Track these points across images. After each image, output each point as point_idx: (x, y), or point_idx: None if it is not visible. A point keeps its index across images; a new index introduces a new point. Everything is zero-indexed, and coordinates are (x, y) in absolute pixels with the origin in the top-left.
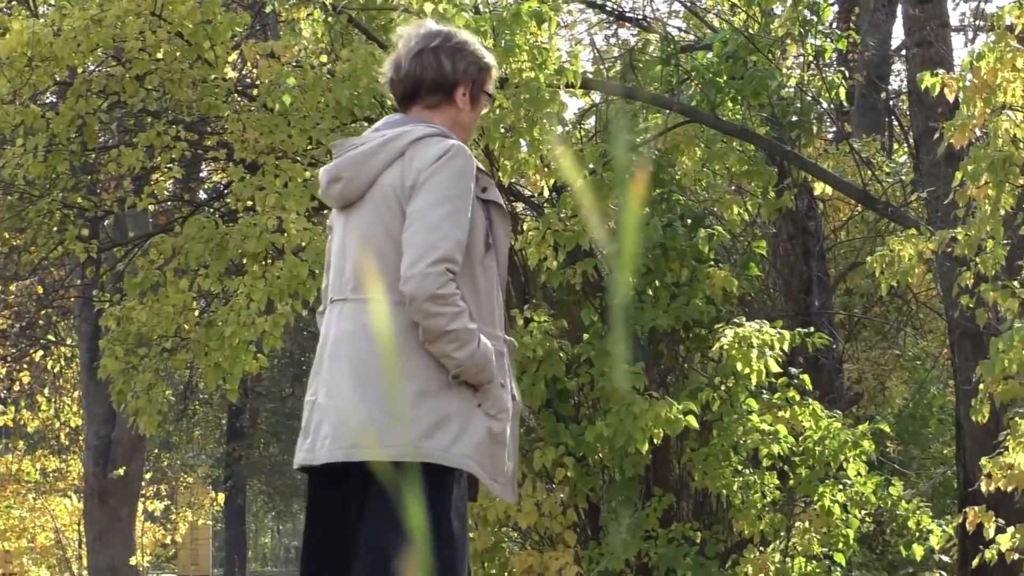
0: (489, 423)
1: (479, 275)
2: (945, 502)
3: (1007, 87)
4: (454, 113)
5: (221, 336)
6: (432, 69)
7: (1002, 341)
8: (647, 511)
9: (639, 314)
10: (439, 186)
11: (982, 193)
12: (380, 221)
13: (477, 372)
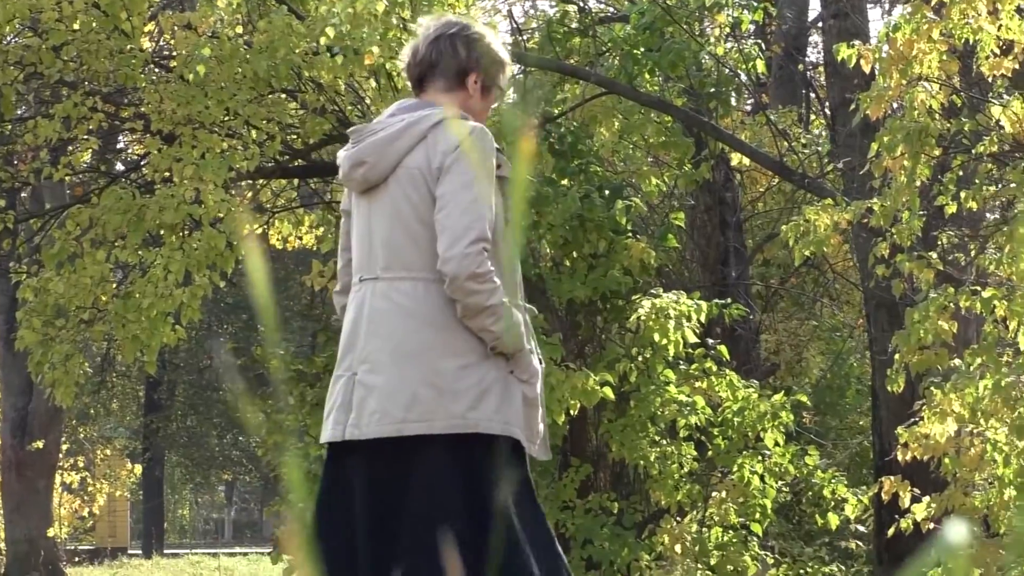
0: (523, 388)
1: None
2: (861, 472)
3: (923, 58)
4: (465, 98)
5: (139, 308)
6: (447, 55)
7: (917, 311)
8: (564, 482)
9: (557, 285)
10: (467, 168)
11: (898, 164)
12: (408, 202)
13: (513, 342)
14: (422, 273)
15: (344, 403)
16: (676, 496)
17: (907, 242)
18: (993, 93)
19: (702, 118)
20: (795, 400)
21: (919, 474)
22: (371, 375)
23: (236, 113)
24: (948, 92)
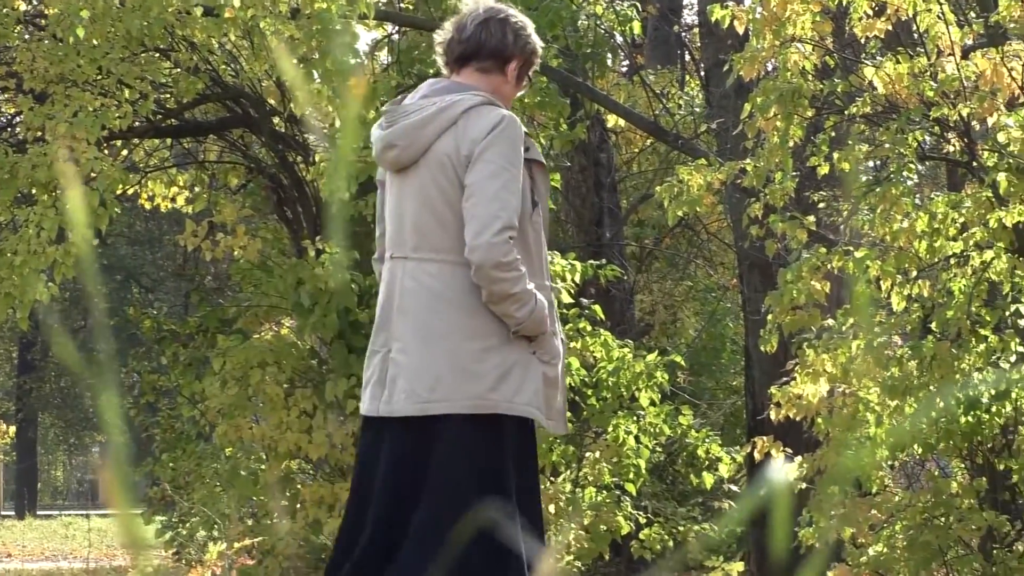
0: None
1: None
2: (735, 432)
3: (796, 19)
4: (501, 82)
5: (11, 265)
6: (496, 37)
7: (790, 272)
8: None
9: None
10: (495, 157)
11: (771, 125)
12: (436, 187)
13: (536, 326)
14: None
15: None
16: (550, 457)
17: (780, 202)
18: (866, 54)
19: (577, 79)
20: (669, 360)
21: (791, 434)
22: (401, 354)
23: (109, 72)
24: (821, 53)
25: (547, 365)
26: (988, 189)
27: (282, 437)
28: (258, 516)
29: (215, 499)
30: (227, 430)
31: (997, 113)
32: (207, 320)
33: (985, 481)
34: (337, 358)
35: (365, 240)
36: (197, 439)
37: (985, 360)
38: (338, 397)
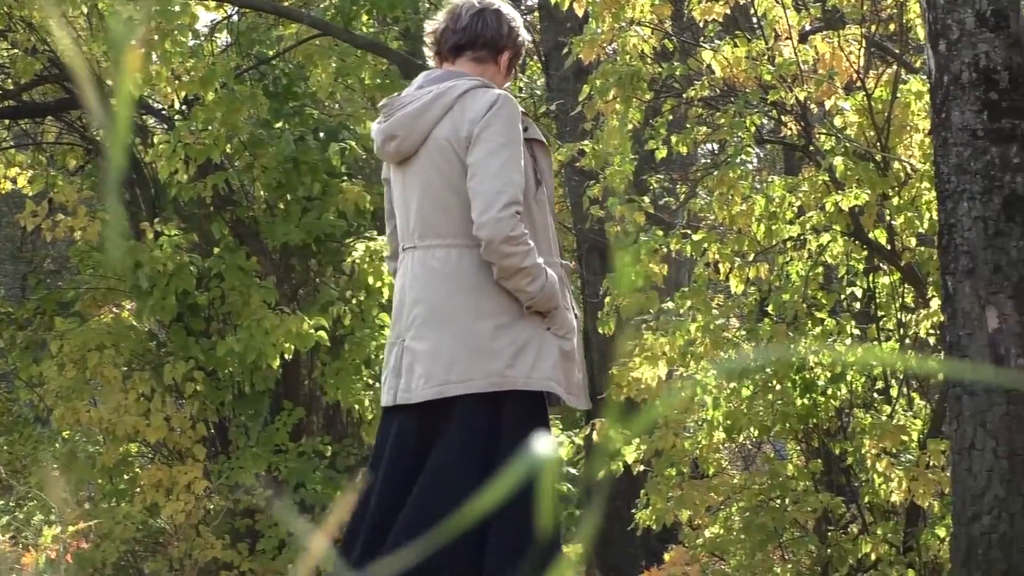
0: (560, 343)
1: (535, 210)
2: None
3: (635, 2)
4: (493, 71)
5: None
6: (492, 28)
7: (628, 254)
8: (277, 425)
9: (270, 228)
10: (495, 135)
11: (610, 108)
12: (438, 172)
13: (547, 301)
14: (455, 240)
15: (395, 369)
16: None
17: (620, 185)
18: (704, 38)
19: (417, 61)
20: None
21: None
22: (415, 341)
23: None
24: (660, 36)
25: (562, 339)
26: (825, 173)
27: (120, 420)
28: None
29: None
30: (64, 413)
31: (834, 97)
32: (45, 303)
33: (820, 463)
34: (176, 341)
35: (204, 222)
36: (34, 422)
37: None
38: (176, 380)
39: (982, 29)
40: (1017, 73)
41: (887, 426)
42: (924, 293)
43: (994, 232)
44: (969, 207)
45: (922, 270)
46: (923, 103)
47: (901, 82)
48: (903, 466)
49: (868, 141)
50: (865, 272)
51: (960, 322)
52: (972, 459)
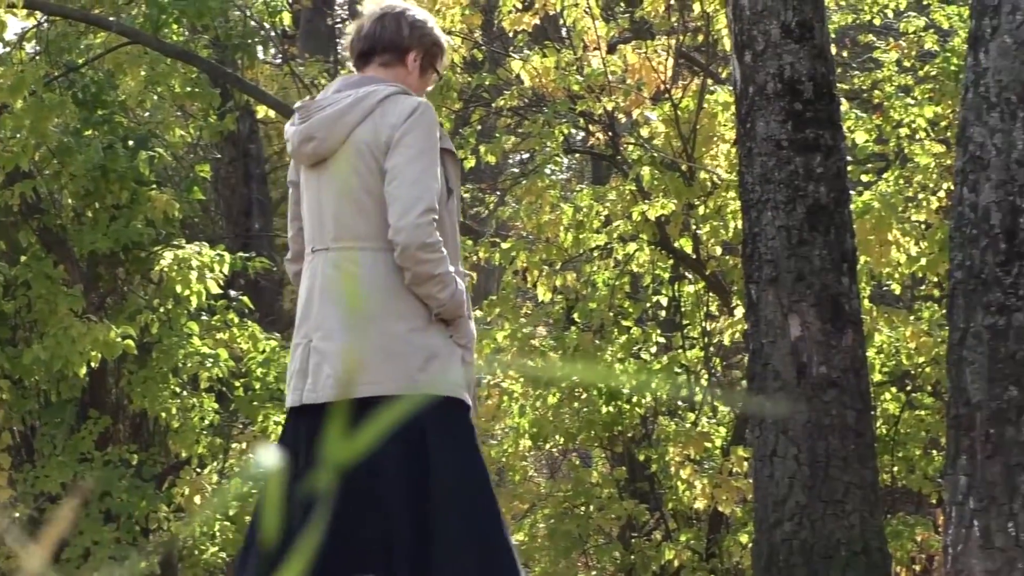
0: (462, 352)
1: (445, 219)
2: None
3: (446, 12)
4: (404, 74)
5: None
6: (390, 31)
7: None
8: (82, 434)
9: (78, 236)
10: (414, 142)
11: None
12: (356, 175)
13: (455, 309)
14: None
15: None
16: (197, 448)
17: None
18: (514, 47)
19: (227, 70)
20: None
21: None
22: (324, 341)
23: None
24: (470, 46)
25: (464, 349)
26: (632, 182)
27: None
28: None
29: None
30: None
31: (642, 107)
32: None
33: (625, 470)
34: None
35: (11, 230)
36: None
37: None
38: None
39: (787, 40)
40: (821, 84)
41: (691, 433)
42: (728, 302)
43: (797, 241)
44: (773, 216)
45: (727, 279)
46: (729, 113)
47: (708, 92)
48: (706, 473)
49: (674, 151)
50: (671, 281)
51: (763, 330)
52: (774, 466)
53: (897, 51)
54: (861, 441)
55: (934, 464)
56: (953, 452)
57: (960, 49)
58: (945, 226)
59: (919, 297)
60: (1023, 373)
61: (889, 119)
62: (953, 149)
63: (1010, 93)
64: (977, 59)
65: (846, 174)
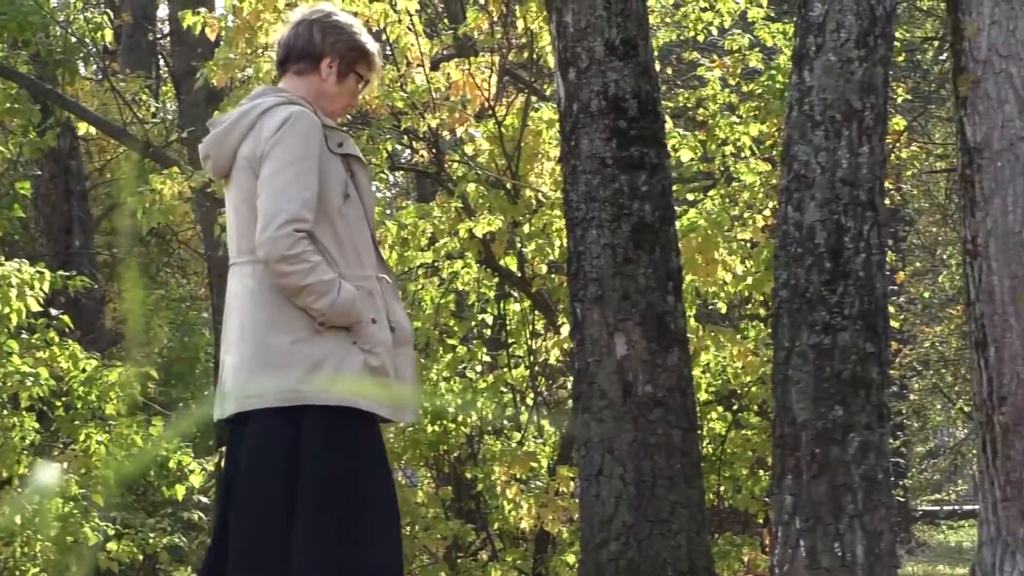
0: (365, 357)
1: (339, 224)
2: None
3: (269, 28)
4: (319, 82)
5: None
6: (303, 38)
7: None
8: None
9: None
10: (282, 152)
11: None
12: (242, 191)
13: (341, 317)
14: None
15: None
16: (18, 469)
17: None
18: None
19: (47, 86)
20: (142, 371)
21: None
22: (227, 355)
23: None
24: None
25: (369, 354)
26: (457, 200)
27: None
28: None
29: None
30: None
31: (467, 124)
32: None
33: (451, 490)
34: None
35: None
36: None
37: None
38: None
39: (611, 58)
40: (646, 101)
41: (517, 453)
42: (554, 320)
43: (622, 260)
44: (598, 235)
45: (552, 297)
46: (554, 131)
47: (532, 110)
48: (533, 493)
49: (499, 168)
50: (496, 299)
51: (589, 349)
52: (600, 485)
53: (722, 69)
54: (687, 460)
55: (760, 484)
56: (779, 472)
57: (785, 67)
58: (771, 245)
59: (745, 316)
60: (848, 393)
61: (714, 137)
62: (778, 167)
63: (835, 111)
64: (802, 77)
65: (671, 192)
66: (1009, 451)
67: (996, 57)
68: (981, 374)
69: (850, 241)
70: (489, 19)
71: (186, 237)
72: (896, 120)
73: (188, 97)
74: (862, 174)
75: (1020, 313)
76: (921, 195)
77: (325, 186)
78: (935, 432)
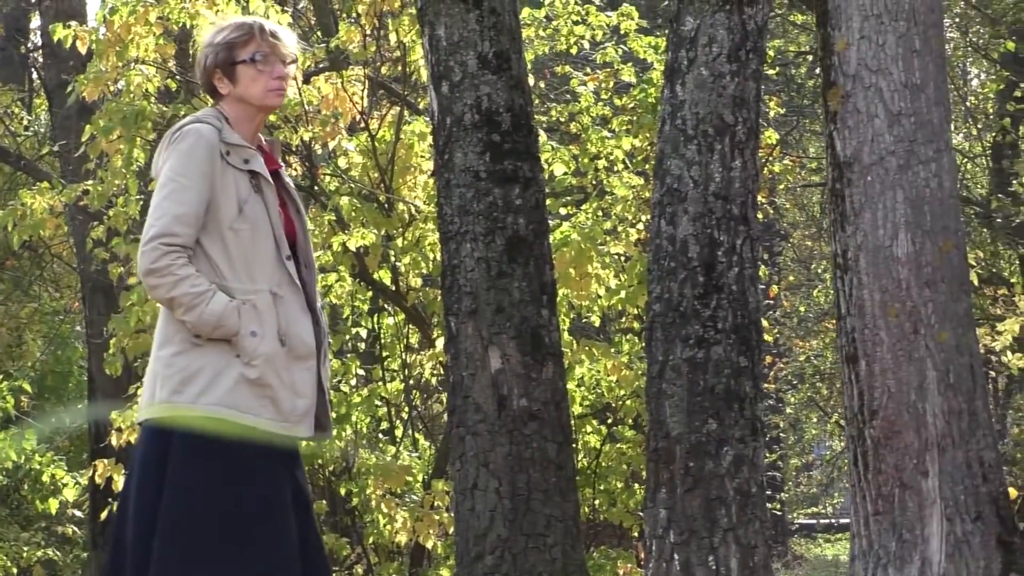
0: (243, 370)
1: (228, 238)
2: (81, 456)
3: (140, 41)
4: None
5: None
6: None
7: (134, 294)
8: None
9: None
10: (165, 171)
11: (114, 147)
12: None
13: (212, 329)
14: None
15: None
16: None
17: (123, 226)
18: None
19: None
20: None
21: None
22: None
23: None
24: (164, 75)
25: (247, 367)
26: (331, 213)
27: None
28: None
29: None
30: None
31: (339, 137)
32: None
33: (325, 504)
34: None
35: None
36: None
37: None
38: None
39: (484, 71)
40: (519, 115)
41: (392, 466)
42: (429, 334)
43: (497, 273)
44: (472, 248)
45: (427, 311)
46: (427, 144)
47: (405, 123)
48: (408, 506)
49: (372, 182)
50: (370, 312)
51: (464, 362)
52: (475, 499)
53: (594, 82)
54: (562, 474)
55: (635, 497)
56: (653, 485)
57: (658, 81)
58: (644, 258)
59: (619, 330)
60: (722, 406)
61: (586, 151)
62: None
63: (707, 126)
64: (674, 91)
65: (545, 206)
66: (880, 465)
67: (865, 71)
68: (852, 388)
69: (723, 255)
70: (361, 32)
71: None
72: (768, 134)
73: (61, 110)
74: (735, 188)
75: (890, 327)
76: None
77: (219, 200)
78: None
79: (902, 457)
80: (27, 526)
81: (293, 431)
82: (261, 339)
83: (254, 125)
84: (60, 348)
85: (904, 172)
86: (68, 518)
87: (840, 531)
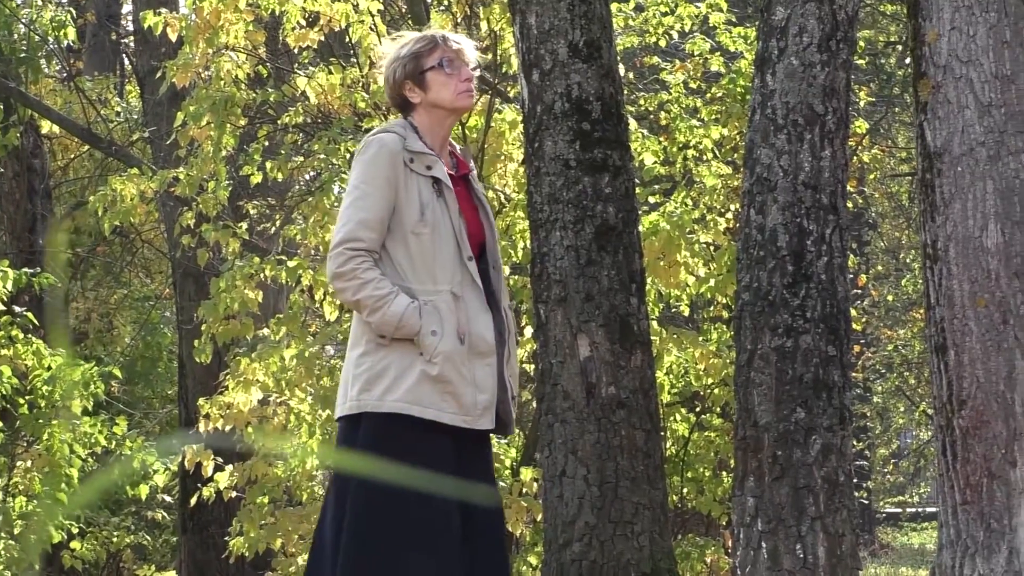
0: (425, 367)
1: (411, 242)
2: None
3: (229, 28)
4: (421, 106)
5: None
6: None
7: (223, 280)
8: None
9: None
10: (350, 179)
11: (204, 133)
12: None
13: (394, 329)
14: None
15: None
16: None
17: (213, 212)
18: (299, 64)
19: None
20: (105, 370)
21: None
22: None
23: None
24: (254, 62)
25: (428, 364)
26: None
27: None
28: None
29: None
30: None
31: None
32: None
33: None
34: None
35: None
36: None
37: None
38: None
39: (575, 60)
40: (609, 104)
41: None
42: (518, 322)
43: (586, 261)
44: (561, 236)
45: (516, 299)
46: (517, 132)
47: (496, 111)
48: None
49: None
50: None
51: (552, 350)
52: (563, 486)
53: (683, 72)
54: (650, 462)
55: (723, 485)
56: (741, 474)
57: (746, 70)
58: (733, 247)
59: (707, 319)
60: (810, 395)
61: (675, 140)
62: (740, 171)
63: (797, 115)
64: (764, 81)
65: (634, 195)
66: (968, 454)
67: (956, 62)
68: (941, 378)
69: (812, 244)
70: (453, 20)
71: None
72: (858, 123)
73: (152, 97)
74: (824, 177)
75: (979, 317)
76: (884, 198)
77: (402, 205)
78: (898, 435)
79: (990, 447)
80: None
81: (475, 424)
82: (441, 337)
83: (444, 129)
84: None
85: (994, 163)
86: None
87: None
